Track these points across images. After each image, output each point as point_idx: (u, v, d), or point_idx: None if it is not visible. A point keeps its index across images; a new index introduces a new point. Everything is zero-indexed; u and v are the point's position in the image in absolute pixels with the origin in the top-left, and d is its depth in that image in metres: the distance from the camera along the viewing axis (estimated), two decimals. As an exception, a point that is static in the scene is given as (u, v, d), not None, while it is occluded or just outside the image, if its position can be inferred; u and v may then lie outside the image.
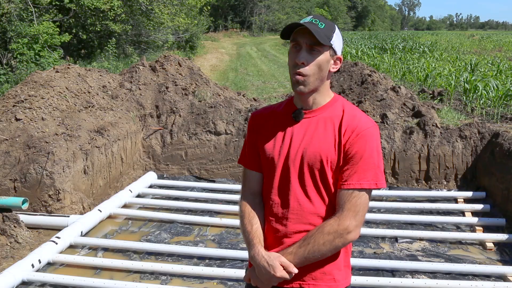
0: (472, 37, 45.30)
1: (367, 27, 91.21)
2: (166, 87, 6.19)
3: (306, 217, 1.50)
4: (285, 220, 1.52)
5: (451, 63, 15.11)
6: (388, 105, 5.79)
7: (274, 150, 1.54)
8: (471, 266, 3.36)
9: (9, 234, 3.79)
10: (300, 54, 1.44)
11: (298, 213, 1.51)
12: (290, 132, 1.53)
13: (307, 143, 1.49)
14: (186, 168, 5.71)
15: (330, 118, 1.50)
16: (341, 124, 1.48)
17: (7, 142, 4.39)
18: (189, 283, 3.28)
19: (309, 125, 1.51)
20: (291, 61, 1.47)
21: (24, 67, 9.37)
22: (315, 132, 1.50)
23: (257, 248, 1.50)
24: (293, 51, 1.47)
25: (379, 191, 5.00)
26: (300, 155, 1.50)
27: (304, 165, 1.49)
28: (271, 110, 1.64)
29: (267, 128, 1.59)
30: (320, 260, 1.47)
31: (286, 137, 1.53)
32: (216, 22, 41.52)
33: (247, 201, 1.60)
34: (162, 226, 4.25)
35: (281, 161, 1.53)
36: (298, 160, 1.50)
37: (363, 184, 1.43)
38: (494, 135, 5.08)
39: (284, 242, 1.52)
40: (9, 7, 10.03)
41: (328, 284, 1.51)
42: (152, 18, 14.69)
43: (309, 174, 1.49)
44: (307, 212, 1.50)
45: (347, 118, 1.48)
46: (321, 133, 1.49)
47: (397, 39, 33.54)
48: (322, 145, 1.47)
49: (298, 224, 1.51)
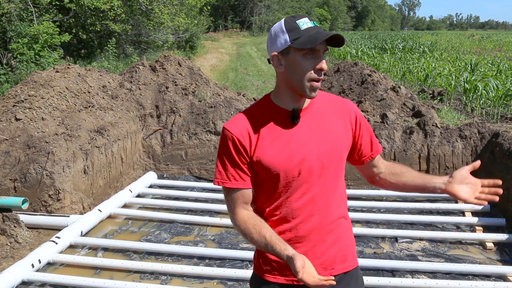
0: (472, 37, 45.31)
1: (367, 27, 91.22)
2: (166, 87, 6.19)
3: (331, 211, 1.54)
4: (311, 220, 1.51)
5: (451, 63, 15.11)
6: (388, 105, 5.79)
7: (283, 159, 1.47)
8: (471, 266, 3.36)
9: (9, 234, 3.79)
10: (323, 61, 1.43)
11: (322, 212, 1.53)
12: (293, 135, 1.49)
13: (317, 141, 1.49)
14: (186, 168, 5.71)
15: (322, 110, 1.54)
16: (339, 111, 1.56)
17: (7, 142, 4.39)
18: (189, 283, 3.28)
19: (309, 123, 1.51)
20: (306, 68, 1.42)
21: (24, 67, 9.37)
22: (319, 128, 1.51)
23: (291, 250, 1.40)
24: (309, 58, 1.42)
25: (379, 191, 4.99)
26: (316, 155, 1.48)
27: (324, 163, 1.50)
28: (251, 119, 1.51)
29: (261, 139, 1.48)
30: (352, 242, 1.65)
31: (291, 142, 1.48)
32: (216, 22, 41.53)
33: (245, 213, 1.52)
34: (162, 226, 4.25)
35: (295, 168, 1.47)
36: (316, 161, 1.48)
37: (380, 148, 1.68)
38: (494, 135, 5.08)
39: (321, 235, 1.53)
40: (9, 7, 10.03)
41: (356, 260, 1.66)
42: (152, 18, 14.68)
43: (329, 171, 1.52)
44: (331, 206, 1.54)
45: (336, 103, 1.58)
46: (325, 127, 1.52)
47: (397, 39, 33.54)
48: (334, 139, 1.52)
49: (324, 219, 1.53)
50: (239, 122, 1.50)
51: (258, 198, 1.56)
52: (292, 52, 1.43)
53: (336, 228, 1.55)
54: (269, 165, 1.47)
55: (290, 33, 1.42)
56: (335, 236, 1.55)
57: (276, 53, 1.45)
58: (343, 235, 1.58)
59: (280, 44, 1.43)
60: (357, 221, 4.26)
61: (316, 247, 1.52)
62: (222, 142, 1.51)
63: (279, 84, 1.51)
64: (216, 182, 1.52)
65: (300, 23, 1.42)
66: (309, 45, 1.38)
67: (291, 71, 1.44)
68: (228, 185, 1.50)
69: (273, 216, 1.53)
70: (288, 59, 1.44)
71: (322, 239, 1.52)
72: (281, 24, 1.45)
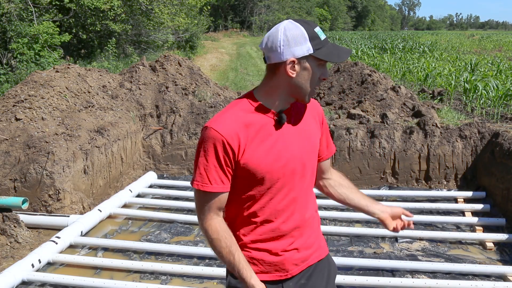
0: (472, 37, 45.31)
1: (367, 27, 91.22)
2: (166, 87, 6.19)
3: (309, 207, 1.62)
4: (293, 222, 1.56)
5: (451, 63, 15.11)
6: (388, 105, 5.79)
7: (269, 160, 1.46)
8: (471, 266, 3.36)
9: (9, 234, 3.79)
10: (327, 71, 1.52)
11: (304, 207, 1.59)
12: (277, 136, 1.49)
13: (298, 141, 1.54)
14: (186, 168, 5.71)
15: (299, 110, 1.59)
16: (313, 112, 1.64)
17: (7, 142, 4.39)
18: (189, 283, 3.28)
19: (291, 124, 1.55)
20: (315, 77, 1.47)
21: (24, 67, 9.37)
22: (298, 128, 1.56)
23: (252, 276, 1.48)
24: (319, 67, 1.47)
25: (379, 191, 5.00)
26: (298, 155, 1.53)
27: (306, 163, 1.56)
28: (238, 121, 1.45)
29: (250, 141, 1.45)
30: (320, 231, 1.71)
31: (276, 143, 1.48)
32: (216, 22, 41.52)
33: (219, 222, 1.49)
34: (162, 226, 4.25)
35: (280, 169, 1.48)
36: (298, 161, 1.53)
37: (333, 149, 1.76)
38: (494, 135, 5.08)
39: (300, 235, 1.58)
40: (9, 7, 10.03)
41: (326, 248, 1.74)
42: (152, 18, 14.68)
43: (309, 169, 1.59)
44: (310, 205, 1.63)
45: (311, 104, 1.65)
46: (303, 127, 1.57)
47: (397, 39, 33.54)
48: (311, 138, 1.59)
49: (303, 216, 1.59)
50: (228, 123, 1.43)
51: (234, 201, 1.52)
52: (311, 61, 1.44)
53: (312, 222, 1.64)
54: (255, 169, 1.45)
55: (313, 42, 1.42)
56: (311, 229, 1.63)
57: (294, 59, 1.42)
58: (316, 227, 1.67)
59: (302, 51, 1.42)
60: (357, 221, 4.26)
61: (295, 243, 1.57)
62: (207, 142, 1.43)
63: (275, 85, 1.48)
64: (195, 184, 1.45)
65: (318, 32, 1.45)
66: (335, 59, 1.44)
67: (303, 77, 1.45)
68: (208, 188, 1.44)
69: (253, 217, 1.51)
70: (305, 66, 1.44)
71: (301, 234, 1.58)
72: (302, 31, 1.42)
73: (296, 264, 1.57)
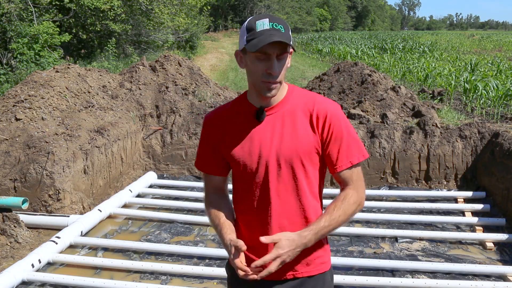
0: (472, 37, 45.34)
1: (367, 27, 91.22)
2: (166, 87, 6.19)
3: (290, 212, 1.51)
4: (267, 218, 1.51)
5: (451, 63, 15.11)
6: (388, 105, 5.79)
7: (245, 154, 1.51)
8: (471, 266, 3.36)
9: (9, 234, 3.79)
10: (274, 65, 1.40)
11: (281, 209, 1.50)
12: (257, 132, 1.50)
13: (279, 141, 1.48)
14: (186, 168, 5.71)
15: (294, 110, 1.51)
16: (309, 113, 1.50)
17: (7, 142, 4.39)
18: (189, 283, 3.28)
19: (275, 122, 1.50)
20: (259, 70, 1.42)
21: (24, 67, 9.37)
22: (283, 128, 1.49)
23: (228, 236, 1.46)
24: (261, 60, 1.41)
25: (379, 191, 5.00)
26: (274, 154, 1.48)
27: (281, 163, 1.48)
28: (227, 111, 1.58)
29: (230, 131, 1.54)
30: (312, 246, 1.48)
31: (254, 138, 1.50)
32: (216, 22, 41.54)
33: (211, 199, 1.64)
34: (162, 226, 4.25)
35: (254, 164, 1.50)
36: (274, 160, 1.48)
37: (353, 161, 1.50)
38: (494, 135, 5.08)
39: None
40: (9, 7, 10.03)
41: (318, 268, 1.56)
42: (152, 18, 14.68)
43: (288, 171, 1.48)
44: (291, 207, 1.51)
45: (313, 106, 1.51)
46: (291, 128, 1.49)
47: (397, 39, 33.56)
48: (296, 140, 1.47)
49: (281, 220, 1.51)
50: (215, 114, 1.60)
51: (233, 188, 1.62)
52: (248, 53, 1.43)
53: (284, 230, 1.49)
54: (232, 158, 1.54)
55: (248, 34, 1.41)
56: None
57: (239, 52, 1.48)
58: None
59: (241, 43, 1.45)
60: (357, 221, 4.26)
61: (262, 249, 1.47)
62: (202, 129, 1.64)
63: (248, 81, 1.53)
64: (195, 163, 1.69)
65: (258, 23, 1.40)
66: (252, 49, 1.37)
67: (248, 71, 1.47)
68: (197, 167, 1.67)
69: (239, 206, 1.60)
70: (246, 59, 1.46)
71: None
72: (245, 23, 1.45)
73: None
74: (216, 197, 1.64)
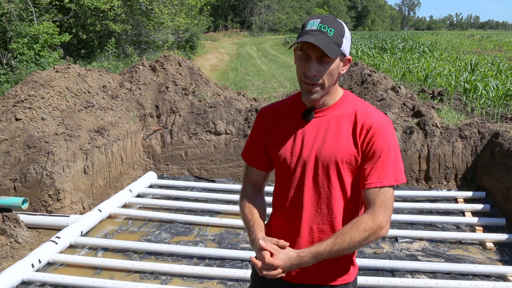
0: (472, 37, 45.33)
1: (367, 27, 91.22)
2: (166, 87, 6.19)
3: (320, 218, 1.49)
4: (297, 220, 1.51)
5: (451, 63, 15.11)
6: (388, 105, 5.79)
7: (286, 151, 1.52)
8: (471, 266, 3.36)
9: (9, 234, 3.79)
10: (311, 67, 1.38)
11: (311, 213, 1.49)
12: (301, 132, 1.50)
13: (320, 144, 1.47)
14: (186, 168, 5.71)
15: (342, 116, 1.47)
16: (355, 122, 1.45)
17: (7, 142, 4.39)
18: (189, 283, 3.28)
19: (320, 125, 1.48)
20: (300, 69, 1.42)
21: (24, 67, 9.37)
22: (327, 132, 1.47)
23: (257, 234, 1.48)
24: (303, 60, 1.41)
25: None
26: (313, 156, 1.47)
27: (319, 166, 1.47)
28: (280, 107, 1.60)
29: (277, 127, 1.56)
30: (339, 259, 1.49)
31: (298, 137, 1.50)
32: (216, 22, 41.53)
33: (248, 192, 1.63)
34: (162, 226, 4.25)
35: (293, 162, 1.50)
36: (312, 162, 1.47)
37: (383, 182, 1.41)
38: (494, 135, 5.08)
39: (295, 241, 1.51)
40: (9, 7, 10.03)
41: (343, 278, 1.55)
42: (152, 18, 14.69)
43: (324, 175, 1.47)
44: (322, 213, 1.49)
45: (361, 116, 1.45)
46: (334, 133, 1.46)
47: (397, 39, 33.55)
48: (336, 146, 1.45)
49: (311, 224, 1.50)
50: (269, 108, 1.62)
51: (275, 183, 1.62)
52: (297, 50, 1.44)
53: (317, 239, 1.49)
54: (275, 154, 1.55)
55: (301, 31, 1.43)
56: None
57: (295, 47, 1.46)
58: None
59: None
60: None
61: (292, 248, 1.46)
62: (254, 122, 1.65)
63: None
64: (241, 153, 1.69)
65: (309, 23, 1.42)
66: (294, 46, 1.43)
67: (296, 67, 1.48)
68: (243, 157, 1.67)
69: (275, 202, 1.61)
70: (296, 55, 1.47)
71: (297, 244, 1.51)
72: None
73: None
74: (253, 191, 1.63)
